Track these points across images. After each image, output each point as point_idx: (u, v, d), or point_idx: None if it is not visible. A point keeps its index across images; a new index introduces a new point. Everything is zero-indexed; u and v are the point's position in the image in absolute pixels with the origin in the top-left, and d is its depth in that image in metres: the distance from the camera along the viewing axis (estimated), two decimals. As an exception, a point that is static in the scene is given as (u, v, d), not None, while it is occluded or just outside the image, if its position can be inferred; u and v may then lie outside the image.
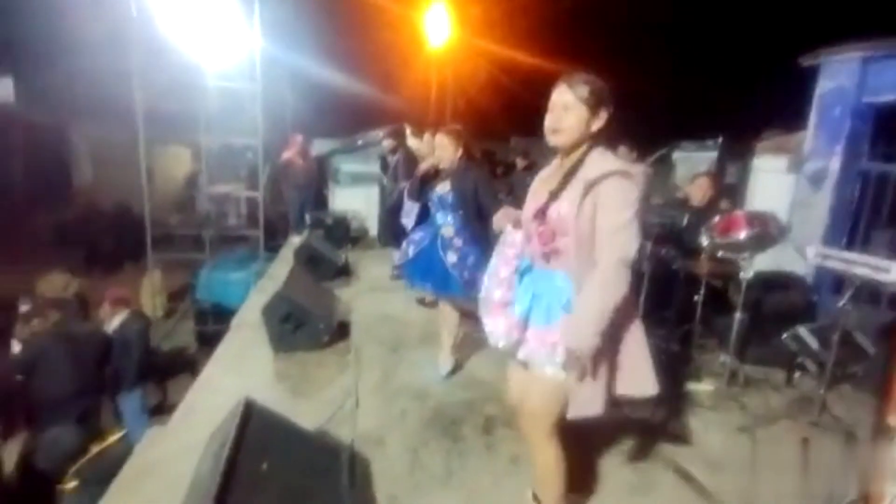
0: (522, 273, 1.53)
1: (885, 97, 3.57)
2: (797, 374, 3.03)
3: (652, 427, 2.41)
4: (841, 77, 3.81)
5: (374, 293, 4.61)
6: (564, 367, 1.36)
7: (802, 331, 3.14)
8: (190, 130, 6.84)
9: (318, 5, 9.82)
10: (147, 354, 4.11)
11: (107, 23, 7.46)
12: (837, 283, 3.65)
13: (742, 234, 2.56)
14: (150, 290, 6.70)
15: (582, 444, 1.56)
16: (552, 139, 1.38)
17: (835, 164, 3.88)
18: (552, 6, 10.65)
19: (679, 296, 3.21)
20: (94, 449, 2.75)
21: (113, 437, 2.90)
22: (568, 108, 1.34)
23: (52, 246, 8.56)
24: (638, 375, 1.44)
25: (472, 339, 3.33)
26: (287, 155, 6.41)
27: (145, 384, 4.10)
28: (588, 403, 1.37)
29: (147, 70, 5.88)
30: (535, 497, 1.64)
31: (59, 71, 8.70)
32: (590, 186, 1.28)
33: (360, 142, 7.31)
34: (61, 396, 3.16)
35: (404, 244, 2.93)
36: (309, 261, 4.84)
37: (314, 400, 2.66)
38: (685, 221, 3.22)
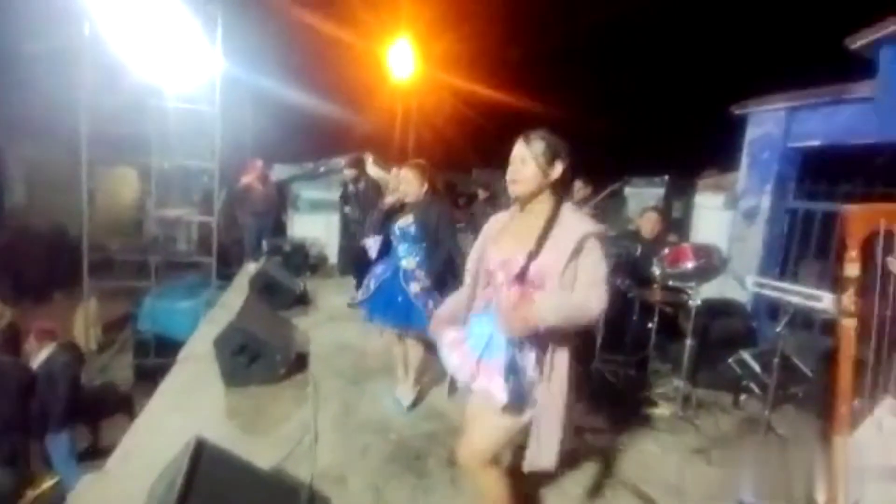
0: (475, 317, 1.57)
1: (808, 142, 3.99)
2: (743, 397, 3.20)
3: (612, 452, 2.45)
4: (768, 125, 4.24)
5: (333, 323, 4.49)
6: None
7: (745, 355, 3.35)
8: (139, 152, 6.53)
9: (282, 30, 9.86)
10: (76, 391, 3.78)
11: (52, 40, 7.12)
12: (773, 309, 3.94)
13: (689, 265, 2.73)
14: (85, 321, 6.17)
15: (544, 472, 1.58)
16: (512, 189, 1.50)
17: (765, 203, 4.25)
18: (513, 47, 11.28)
19: (634, 323, 3.35)
20: (30, 494, 2.48)
21: (46, 483, 2.63)
22: (525, 162, 1.46)
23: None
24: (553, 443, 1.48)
25: (432, 370, 3.30)
26: (246, 180, 6.24)
27: (74, 425, 3.75)
28: (541, 457, 1.46)
29: (96, 89, 5.62)
30: None
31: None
32: (578, 247, 1.38)
33: (321, 169, 7.25)
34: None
35: (366, 280, 2.90)
36: (265, 289, 4.66)
37: (270, 437, 2.51)
38: (638, 252, 3.40)
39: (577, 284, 1.39)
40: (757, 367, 3.25)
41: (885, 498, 1.45)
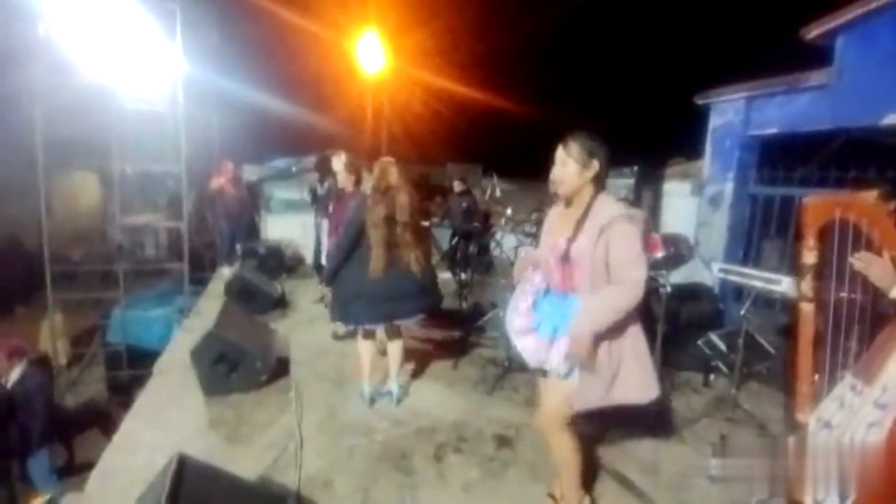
0: (541, 299, 1.82)
1: (767, 130, 4.16)
2: (712, 376, 3.35)
3: (592, 437, 2.53)
4: (729, 114, 4.40)
5: (313, 325, 4.45)
6: (567, 356, 1.64)
7: (713, 337, 3.52)
8: (98, 156, 6.25)
9: (246, 25, 9.55)
10: (52, 409, 3.70)
11: (4, 40, 6.69)
12: (739, 291, 4.12)
13: (659, 255, 2.83)
14: (51, 335, 5.92)
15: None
16: (558, 189, 1.70)
17: (729, 189, 4.42)
18: (485, 42, 11.23)
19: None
20: None
21: (39, 501, 2.58)
22: (565, 163, 1.66)
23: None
24: (638, 383, 1.70)
25: (414, 370, 3.34)
26: (218, 182, 6.07)
27: (52, 442, 3.66)
28: (588, 398, 1.68)
29: (50, 91, 5.33)
30: (552, 497, 1.99)
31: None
32: (602, 230, 1.59)
33: (294, 168, 7.12)
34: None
35: None
36: (242, 294, 4.58)
37: (254, 445, 2.49)
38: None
39: (612, 264, 1.58)
40: (724, 347, 3.42)
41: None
